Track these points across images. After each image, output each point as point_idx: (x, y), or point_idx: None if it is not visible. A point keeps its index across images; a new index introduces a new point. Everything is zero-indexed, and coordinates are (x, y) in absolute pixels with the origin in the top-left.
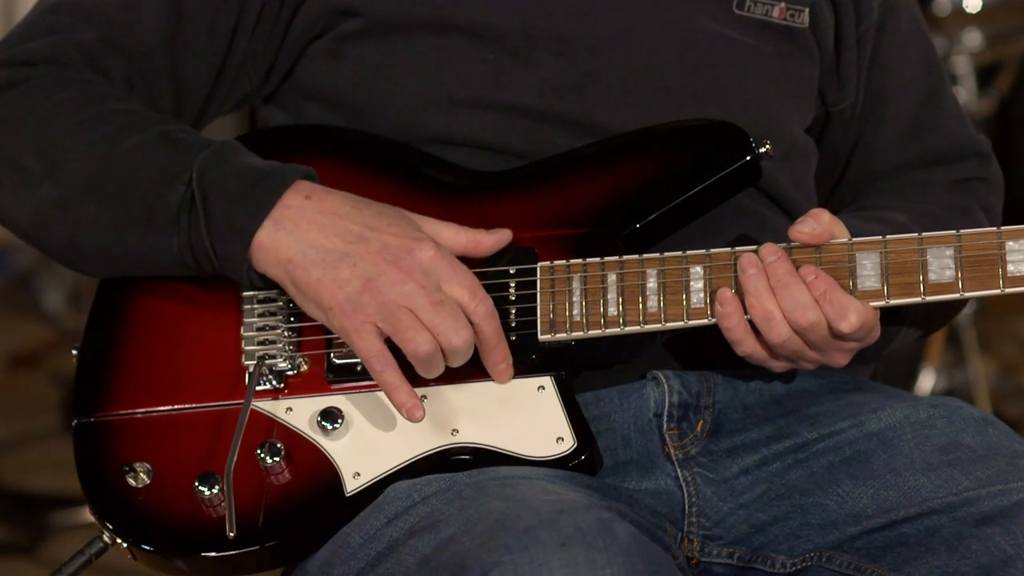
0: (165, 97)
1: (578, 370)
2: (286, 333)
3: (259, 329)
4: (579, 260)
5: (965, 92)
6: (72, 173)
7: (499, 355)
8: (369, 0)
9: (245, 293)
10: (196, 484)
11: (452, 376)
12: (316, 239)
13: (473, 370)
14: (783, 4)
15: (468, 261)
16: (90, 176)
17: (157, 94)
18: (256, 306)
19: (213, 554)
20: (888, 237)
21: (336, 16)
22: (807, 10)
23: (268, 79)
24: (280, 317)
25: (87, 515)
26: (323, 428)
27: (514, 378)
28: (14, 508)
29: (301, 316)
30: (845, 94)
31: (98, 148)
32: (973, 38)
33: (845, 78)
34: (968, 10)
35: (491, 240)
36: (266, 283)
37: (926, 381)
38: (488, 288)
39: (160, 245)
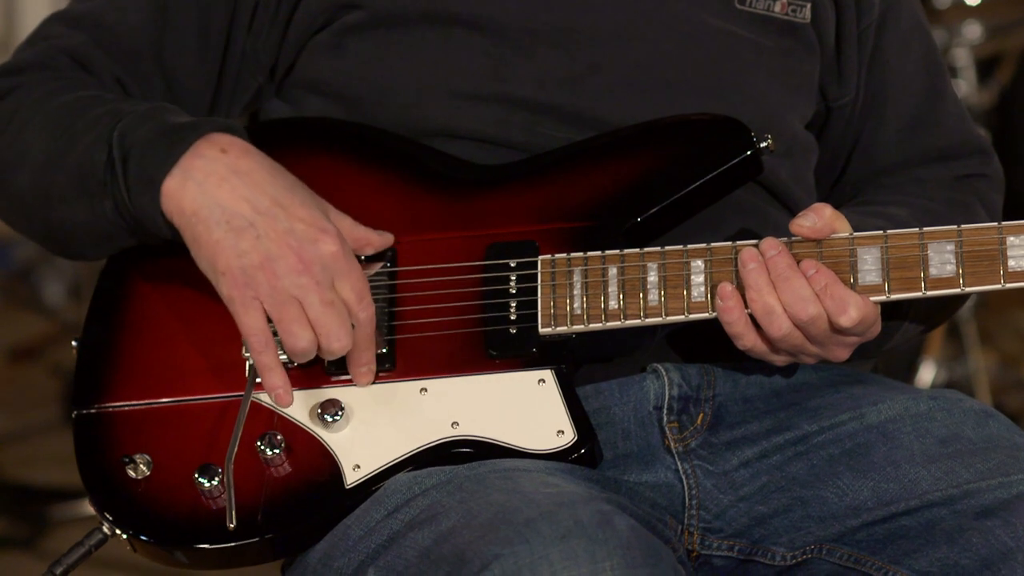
0: (158, 97)
1: (579, 363)
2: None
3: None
4: (580, 253)
5: (965, 84)
6: (35, 158)
7: (365, 358)
8: None
9: None
10: (196, 476)
11: (452, 369)
12: (224, 199)
13: (473, 364)
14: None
15: (467, 256)
16: (46, 156)
17: (150, 94)
18: None
19: (213, 546)
20: (889, 232)
21: (338, 9)
22: (809, 5)
23: (274, 74)
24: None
25: (87, 508)
26: (323, 420)
27: (515, 371)
28: (14, 501)
29: None
30: (846, 90)
31: (55, 130)
32: (973, 30)
33: (846, 74)
34: (968, 2)
35: (377, 241)
36: (179, 236)
37: (926, 373)
38: (488, 281)
39: (98, 211)
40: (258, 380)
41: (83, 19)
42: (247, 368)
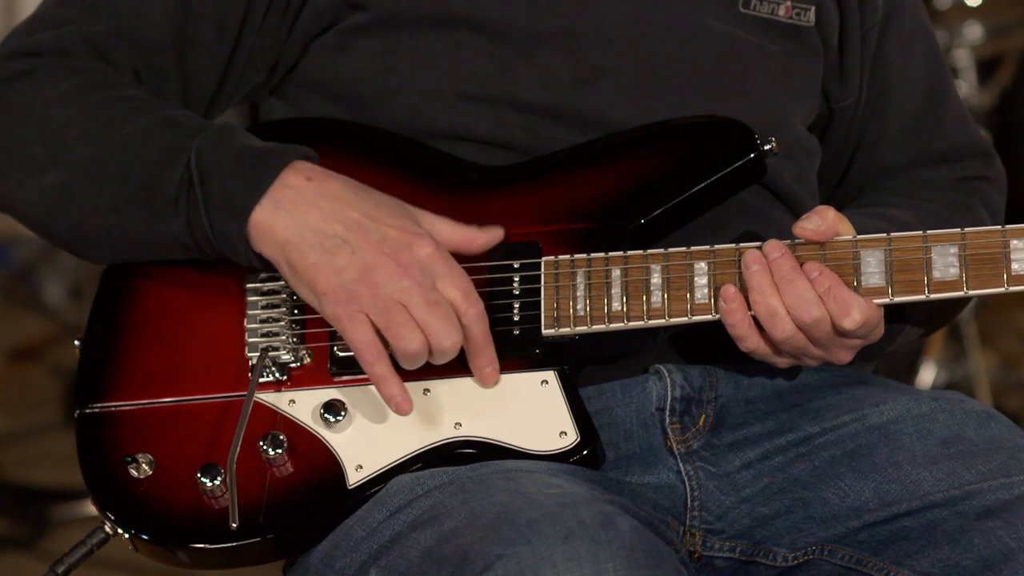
0: (172, 90)
1: (581, 365)
2: (290, 325)
3: (263, 321)
4: (583, 255)
5: (966, 85)
6: (75, 158)
7: (486, 359)
8: None
9: (249, 285)
10: (198, 475)
11: (455, 370)
12: (315, 222)
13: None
14: (789, 3)
15: (470, 257)
16: (92, 160)
17: (165, 87)
18: (260, 298)
19: (214, 545)
20: (893, 235)
21: (343, 10)
22: (813, 9)
23: (274, 73)
24: (284, 309)
25: (89, 508)
26: (326, 420)
27: (518, 372)
28: (15, 501)
29: (305, 308)
30: (848, 92)
31: (101, 132)
32: (974, 31)
33: (849, 76)
34: (968, 3)
35: (484, 238)
36: (265, 264)
37: (927, 374)
38: (492, 283)
39: (160, 227)
40: (261, 380)
41: (100, 6)
42: (250, 368)
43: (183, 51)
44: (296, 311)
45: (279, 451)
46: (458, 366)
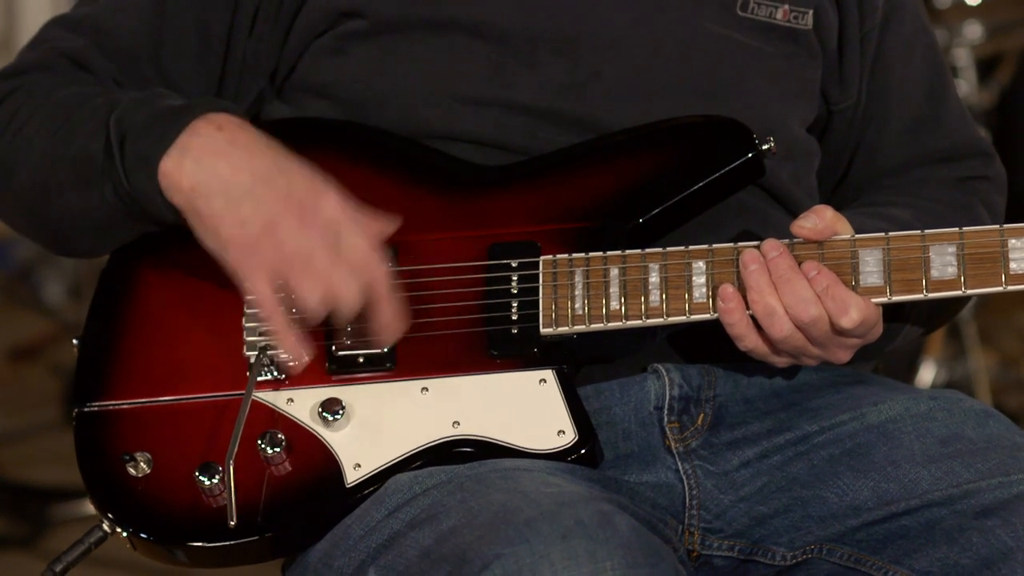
0: None
1: (579, 364)
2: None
3: (261, 320)
4: (581, 254)
5: (965, 85)
6: (34, 155)
7: (383, 316)
8: (372, 2)
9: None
10: (196, 474)
11: (454, 369)
12: (222, 170)
13: (474, 363)
14: (787, 6)
15: (469, 256)
16: (45, 153)
17: None
18: None
19: (213, 544)
20: (891, 234)
21: (339, 17)
22: (811, 12)
23: (273, 79)
24: (282, 308)
25: (88, 507)
26: (324, 419)
27: (516, 371)
28: (15, 500)
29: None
30: (848, 94)
31: (57, 125)
32: (973, 30)
33: (848, 78)
34: (968, 2)
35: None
36: (179, 217)
37: (927, 373)
38: (490, 281)
39: (96, 198)
40: (259, 378)
41: (82, 23)
42: (248, 367)
43: (161, 62)
44: (294, 310)
45: (277, 450)
46: (457, 366)
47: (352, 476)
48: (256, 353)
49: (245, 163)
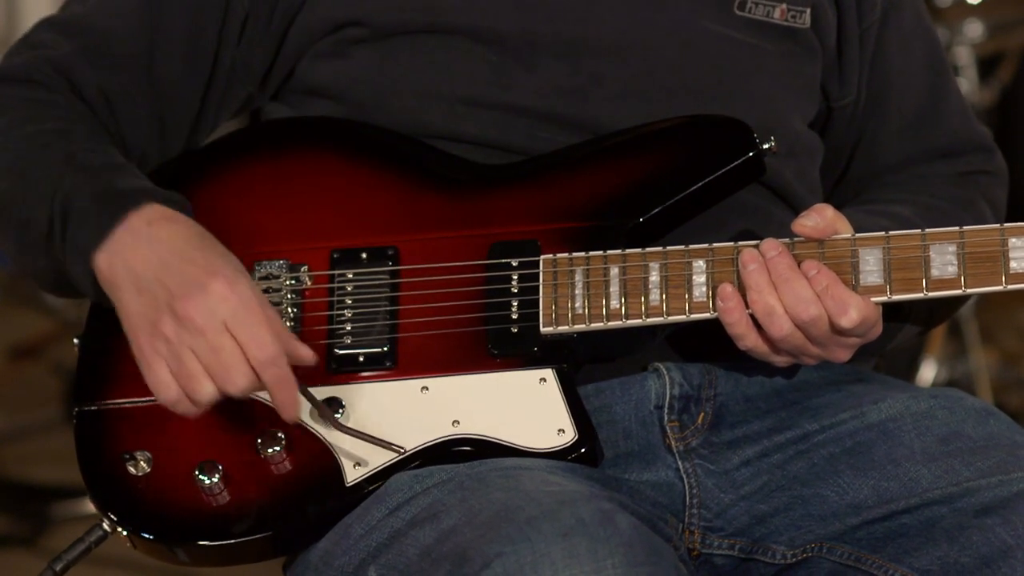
0: (143, 104)
1: (580, 363)
2: (287, 322)
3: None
4: (582, 253)
5: (966, 83)
6: None
7: (280, 398)
8: (371, 11)
9: None
10: (196, 473)
11: (454, 368)
12: (137, 265)
13: (474, 362)
14: (784, 5)
15: (469, 255)
16: (2, 197)
17: (134, 107)
18: None
19: (213, 543)
20: (891, 233)
21: (338, 27)
22: (808, 10)
23: (266, 83)
24: (282, 306)
25: (88, 506)
26: (324, 418)
27: (516, 370)
28: (15, 499)
29: (303, 305)
30: (848, 90)
31: (11, 169)
32: (974, 29)
33: (847, 74)
34: (969, 1)
35: (304, 352)
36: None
37: (927, 372)
38: (490, 280)
39: (38, 261)
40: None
41: (72, 25)
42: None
43: (151, 66)
44: (293, 309)
45: (277, 448)
46: (457, 365)
47: (352, 475)
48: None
49: (157, 257)
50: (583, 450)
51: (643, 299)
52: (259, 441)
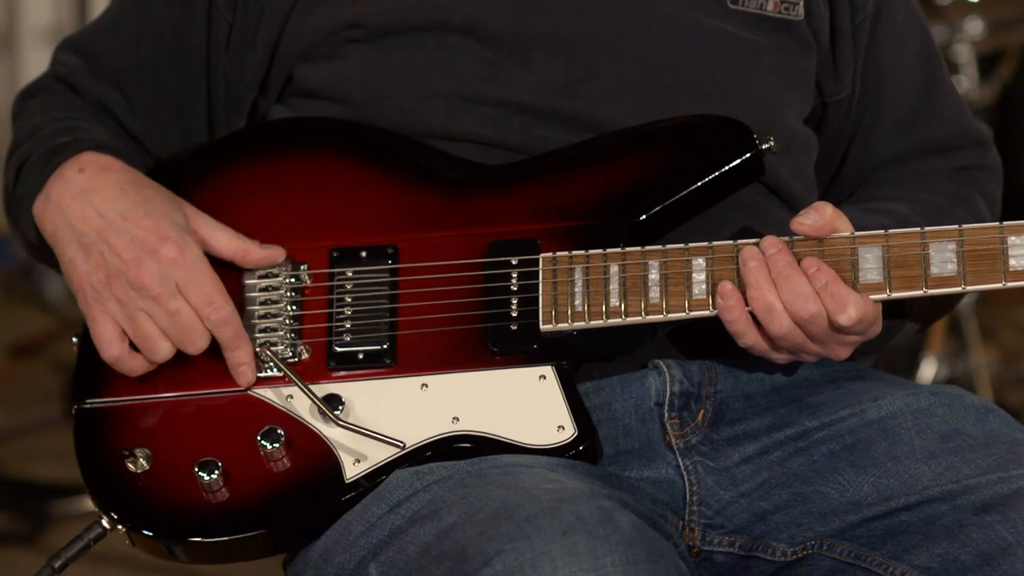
0: (144, 118)
1: (579, 360)
2: (287, 320)
3: (260, 316)
4: (581, 251)
5: (967, 81)
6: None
7: (236, 358)
8: (368, 14)
9: (246, 280)
10: (195, 470)
11: (453, 365)
12: (74, 218)
13: (474, 360)
14: None
15: (469, 253)
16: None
17: (136, 115)
18: (257, 294)
19: (212, 540)
20: (890, 231)
21: (335, 33)
22: (801, 3)
23: (266, 89)
24: (281, 304)
25: (88, 504)
26: (323, 415)
27: (516, 368)
28: (15, 496)
29: (302, 304)
30: (842, 85)
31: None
32: (974, 26)
33: (841, 69)
34: None
35: (260, 253)
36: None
37: (928, 369)
38: (490, 279)
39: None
40: (260, 375)
41: (80, 44)
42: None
43: (141, 79)
44: (293, 307)
45: (276, 445)
46: (457, 362)
47: (351, 472)
48: (256, 350)
49: (94, 210)
50: (583, 447)
51: (642, 297)
52: (259, 438)
